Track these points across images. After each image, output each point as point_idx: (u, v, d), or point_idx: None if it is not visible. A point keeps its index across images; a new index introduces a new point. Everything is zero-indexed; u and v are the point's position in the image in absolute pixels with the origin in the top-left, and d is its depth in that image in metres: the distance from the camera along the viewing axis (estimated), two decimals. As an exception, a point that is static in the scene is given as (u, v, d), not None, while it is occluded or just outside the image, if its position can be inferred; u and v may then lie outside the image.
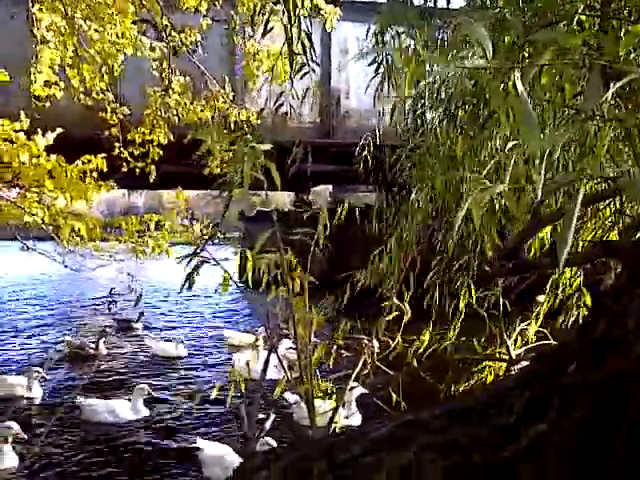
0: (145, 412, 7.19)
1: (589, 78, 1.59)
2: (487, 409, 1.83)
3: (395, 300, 2.54)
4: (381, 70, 3.08)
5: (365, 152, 4.31)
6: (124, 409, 7.10)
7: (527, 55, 1.95)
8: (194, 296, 15.67)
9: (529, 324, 3.25)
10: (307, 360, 2.23)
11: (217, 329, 12.56)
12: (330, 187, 14.28)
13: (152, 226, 7.39)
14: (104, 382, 8.69)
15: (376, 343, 3.85)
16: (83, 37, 5.80)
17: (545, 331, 3.26)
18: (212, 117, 6.53)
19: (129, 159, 6.90)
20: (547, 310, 3.55)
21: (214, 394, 2.59)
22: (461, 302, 3.13)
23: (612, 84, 1.48)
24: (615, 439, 1.67)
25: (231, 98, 6.81)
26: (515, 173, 1.48)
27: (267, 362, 2.46)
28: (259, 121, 6.85)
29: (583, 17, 2.11)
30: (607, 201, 2.51)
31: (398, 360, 3.59)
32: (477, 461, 1.67)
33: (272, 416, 2.66)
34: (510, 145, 1.39)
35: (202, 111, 6.46)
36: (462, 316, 3.25)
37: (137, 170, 7.10)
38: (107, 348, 10.14)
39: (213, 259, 2.66)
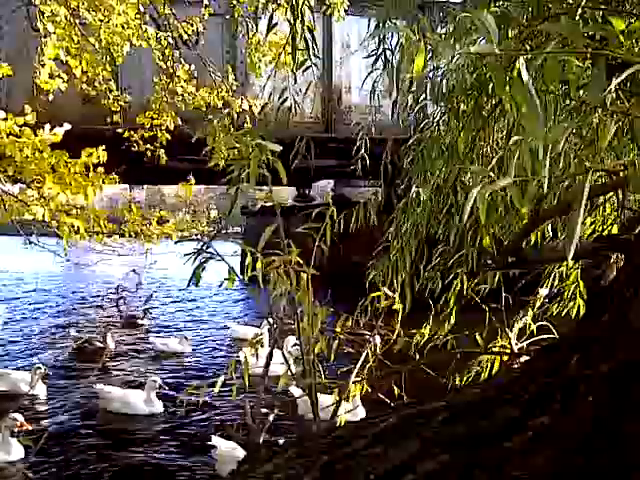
0: (159, 405, 7.20)
1: (593, 70, 1.59)
2: (491, 402, 1.84)
3: (386, 290, 2.54)
4: (380, 63, 3.07)
5: (365, 147, 4.31)
6: (139, 401, 7.13)
7: (530, 48, 1.95)
8: (199, 291, 15.72)
9: (530, 317, 3.26)
10: (311, 354, 2.24)
11: (222, 324, 12.60)
12: (331, 182, 14.27)
13: (154, 223, 7.39)
14: (111, 376, 8.73)
15: (378, 338, 3.84)
16: (85, 27, 5.79)
17: (547, 324, 3.26)
18: (214, 107, 6.51)
19: (139, 141, 6.84)
20: (549, 303, 3.55)
21: (217, 388, 2.59)
22: (451, 294, 3.13)
23: (615, 76, 1.47)
24: (621, 431, 1.68)
25: (234, 88, 6.78)
26: (519, 166, 1.48)
27: (270, 356, 2.47)
28: (261, 115, 6.83)
29: (587, 10, 2.11)
30: (608, 195, 2.51)
31: (401, 354, 3.59)
32: (481, 454, 1.67)
33: (275, 410, 2.67)
34: (515, 139, 1.39)
35: (209, 95, 6.43)
36: (464, 309, 3.25)
37: (147, 154, 7.01)
38: (115, 343, 10.16)
39: (218, 254, 2.66)
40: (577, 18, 2.03)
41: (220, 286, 2.53)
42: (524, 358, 2.79)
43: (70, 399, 7.53)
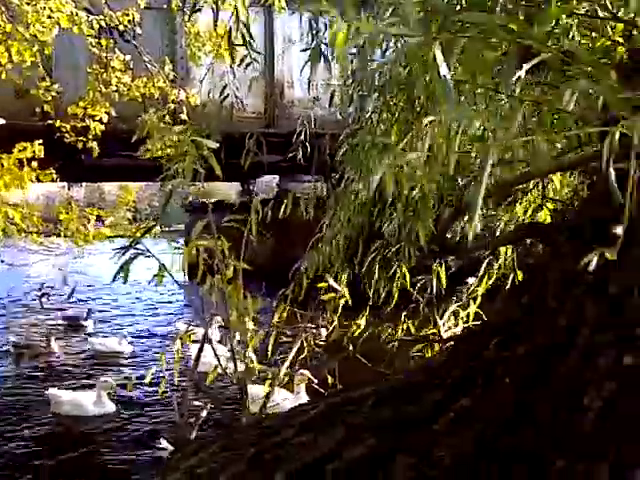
0: (110, 405, 7.04)
1: (505, 59, 1.63)
2: (417, 387, 1.87)
3: (331, 281, 2.56)
4: (314, 57, 3.07)
5: (305, 141, 4.31)
6: (89, 402, 6.96)
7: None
8: (144, 290, 15.40)
9: (460, 305, 3.34)
10: (242, 347, 2.23)
11: (167, 322, 12.41)
12: (276, 177, 14.23)
13: (92, 222, 7.20)
14: (56, 378, 8.47)
15: (324, 331, 3.84)
16: (12, 13, 5.57)
17: (480, 311, 3.34)
18: (150, 98, 6.37)
19: (70, 133, 6.59)
20: (484, 290, 3.63)
21: (147, 379, 2.54)
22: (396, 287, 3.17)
23: (525, 64, 1.52)
24: (538, 410, 1.73)
25: (171, 78, 6.66)
26: (436, 149, 1.51)
27: (200, 351, 2.44)
28: (201, 110, 6.75)
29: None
30: (532, 184, 2.60)
31: (340, 345, 3.62)
32: (408, 437, 1.70)
33: (208, 405, 2.64)
34: (428, 119, 1.42)
35: (145, 86, 6.27)
36: (396, 300, 3.29)
37: (79, 146, 6.75)
38: (59, 346, 9.85)
39: (148, 251, 2.62)
40: (498, 9, 2.08)
41: (150, 283, 2.48)
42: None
43: (15, 403, 7.29)
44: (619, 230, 1.27)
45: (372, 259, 3.10)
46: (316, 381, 4.96)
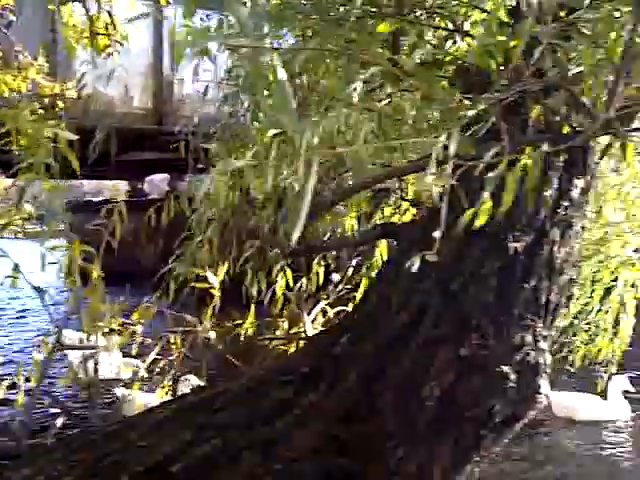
0: None
1: (345, 68, 1.70)
2: (267, 385, 1.90)
3: (209, 274, 2.54)
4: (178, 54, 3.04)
5: (188, 139, 4.22)
6: None
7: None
8: (22, 294, 14.44)
9: (329, 303, 3.41)
10: (92, 351, 2.16)
11: (43, 329, 11.72)
12: (167, 176, 13.84)
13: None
14: None
15: (213, 333, 3.75)
16: None
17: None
18: (19, 91, 5.98)
19: None
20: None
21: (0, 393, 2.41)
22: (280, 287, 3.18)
23: (361, 74, 1.58)
24: (381, 402, 1.82)
25: (46, 70, 6.30)
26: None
27: (47, 359, 2.33)
28: (79, 103, 6.45)
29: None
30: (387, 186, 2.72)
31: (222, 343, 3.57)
32: (254, 435, 1.73)
33: (63, 415, 2.52)
34: (273, 132, 1.45)
35: (14, 79, 5.86)
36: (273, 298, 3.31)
37: None
38: None
39: (2, 251, 2.49)
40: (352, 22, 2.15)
41: (1, 284, 2.36)
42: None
43: None
44: (437, 234, 1.35)
45: (246, 258, 3.10)
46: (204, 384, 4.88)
